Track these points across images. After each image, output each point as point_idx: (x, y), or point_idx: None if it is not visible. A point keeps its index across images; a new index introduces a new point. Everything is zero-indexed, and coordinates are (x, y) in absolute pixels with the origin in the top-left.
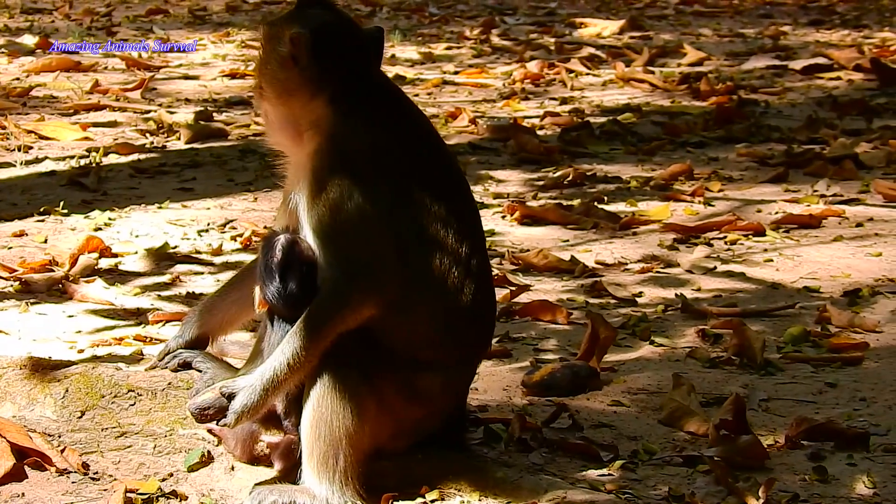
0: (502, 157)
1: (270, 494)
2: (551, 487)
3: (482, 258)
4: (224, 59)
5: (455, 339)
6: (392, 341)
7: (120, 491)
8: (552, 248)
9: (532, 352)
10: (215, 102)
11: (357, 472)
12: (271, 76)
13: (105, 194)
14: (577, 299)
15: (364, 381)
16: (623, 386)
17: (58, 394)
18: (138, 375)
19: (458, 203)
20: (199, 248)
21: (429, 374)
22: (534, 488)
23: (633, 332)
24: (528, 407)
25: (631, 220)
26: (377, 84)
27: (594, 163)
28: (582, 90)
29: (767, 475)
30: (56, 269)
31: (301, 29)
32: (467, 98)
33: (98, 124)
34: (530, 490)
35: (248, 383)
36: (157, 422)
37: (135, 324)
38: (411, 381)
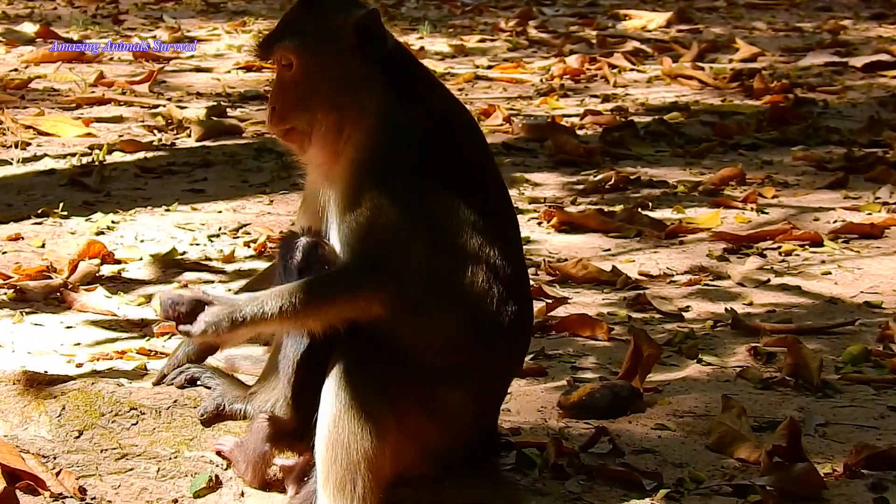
0: (539, 158)
1: None
2: None
3: (519, 267)
4: (239, 51)
5: (484, 354)
6: (415, 353)
7: None
8: (592, 258)
9: (569, 370)
10: (229, 97)
11: (377, 499)
12: (326, 78)
13: (108, 195)
14: (618, 313)
15: (384, 399)
16: (668, 408)
17: (54, 411)
18: (141, 392)
19: (498, 205)
20: (209, 254)
21: (455, 392)
22: None
23: (680, 349)
24: (565, 430)
25: (677, 227)
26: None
27: (638, 166)
28: (625, 87)
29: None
30: (54, 275)
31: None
32: (502, 94)
33: (102, 119)
34: None
35: (230, 301)
36: (161, 443)
37: (138, 336)
38: (436, 398)
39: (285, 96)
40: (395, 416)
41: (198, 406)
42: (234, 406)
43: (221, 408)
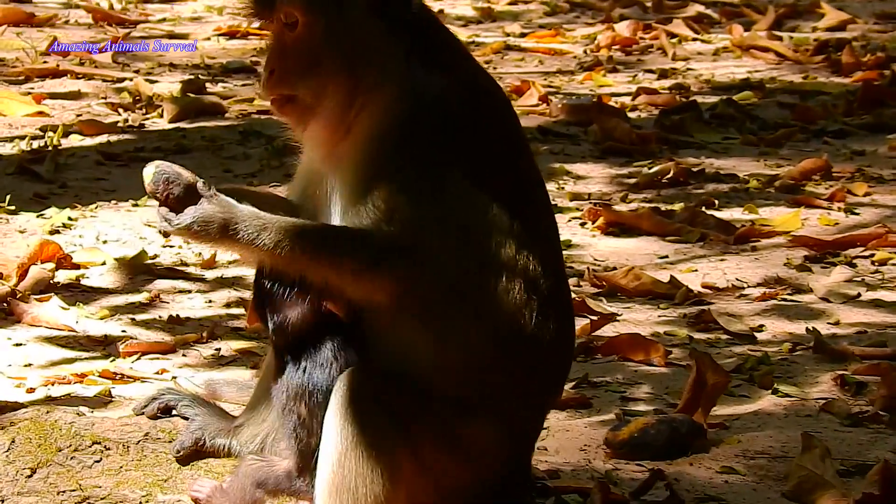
0: (582, 146)
1: None
2: None
3: (558, 277)
4: (220, 13)
5: (516, 379)
6: (433, 378)
7: None
8: (646, 267)
9: (618, 401)
10: (209, 69)
11: None
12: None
13: (64, 186)
14: (677, 333)
15: (397, 434)
16: (737, 448)
17: (1, 445)
18: (106, 423)
19: (534, 202)
20: (185, 258)
21: (481, 425)
22: None
23: (751, 377)
24: (613, 473)
25: (749, 230)
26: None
27: (702, 156)
28: (687, 60)
29: None
30: (0, 282)
31: None
32: (537, 68)
33: (56, 95)
34: None
35: (230, 206)
36: (129, 484)
37: (101, 356)
38: (458, 433)
39: (287, 59)
40: (410, 454)
41: (173, 440)
42: (216, 441)
43: (201, 443)
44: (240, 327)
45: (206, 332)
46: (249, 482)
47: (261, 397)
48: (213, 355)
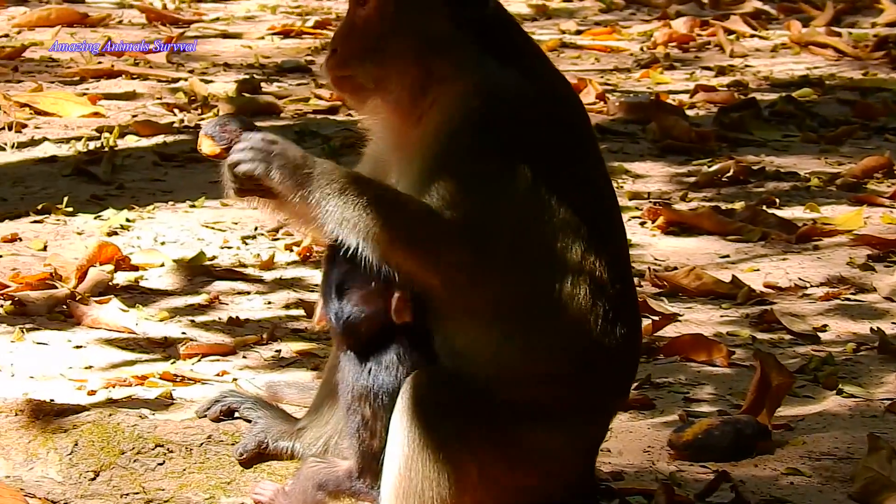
0: (640, 144)
1: None
2: None
3: (625, 280)
4: (274, 12)
5: (583, 384)
6: (499, 382)
7: None
8: (707, 266)
9: (682, 402)
10: (263, 69)
11: None
12: (407, 27)
13: (121, 188)
14: (740, 334)
15: (463, 436)
16: (802, 449)
17: (64, 448)
18: (169, 426)
19: (603, 203)
20: (244, 259)
21: (545, 428)
22: None
23: (815, 378)
24: (677, 474)
25: (811, 229)
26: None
27: (762, 154)
28: (745, 57)
29: None
30: (59, 284)
31: None
32: (593, 66)
33: (111, 96)
34: None
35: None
36: (192, 486)
37: (161, 358)
38: (520, 437)
39: (353, 38)
40: (476, 458)
41: (236, 443)
42: (279, 443)
43: (264, 445)
44: (300, 328)
45: (266, 333)
46: (310, 484)
47: (323, 399)
48: (274, 357)
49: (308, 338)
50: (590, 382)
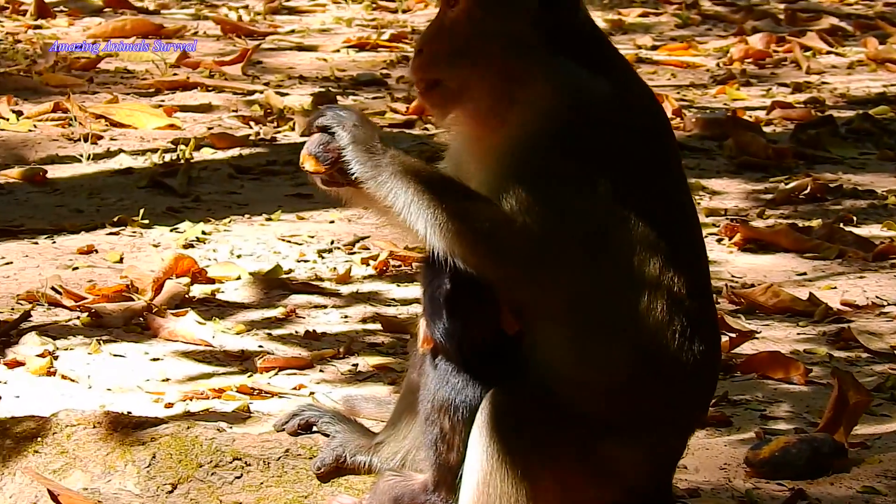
0: (717, 160)
1: None
2: None
3: (705, 296)
4: (349, 25)
5: (661, 401)
6: (574, 395)
7: None
8: (784, 284)
9: (758, 419)
10: (339, 81)
11: None
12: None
13: (197, 200)
14: (817, 351)
15: (540, 452)
16: (878, 467)
17: (142, 461)
18: (246, 439)
19: (684, 217)
20: (320, 273)
21: (622, 444)
22: None
23: (893, 396)
24: (754, 492)
25: (889, 247)
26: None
27: (839, 171)
28: (821, 74)
29: None
30: (135, 297)
31: None
32: (670, 82)
33: (187, 108)
34: None
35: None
36: (269, 500)
37: (238, 371)
38: (601, 454)
39: (441, 40)
40: (553, 474)
41: (314, 457)
42: (356, 458)
43: (342, 460)
44: (377, 343)
45: (343, 347)
46: (386, 498)
47: (401, 414)
48: (351, 371)
49: (385, 352)
50: (668, 397)
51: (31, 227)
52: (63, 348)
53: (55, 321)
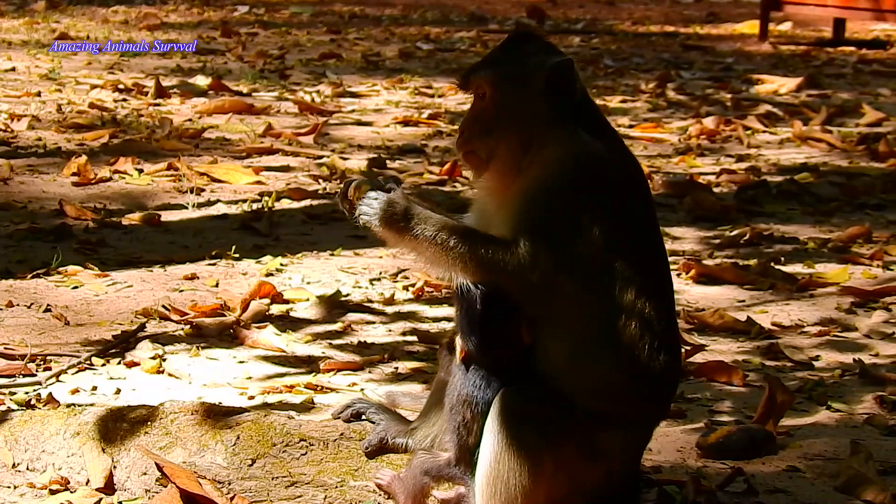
0: (678, 213)
1: None
2: None
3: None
4: (397, 106)
5: (641, 399)
6: (573, 392)
7: None
8: (728, 308)
9: (707, 413)
10: (388, 150)
11: None
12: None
13: (277, 239)
14: (752, 361)
15: (543, 439)
16: (799, 451)
17: (229, 441)
18: (310, 425)
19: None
20: (370, 297)
21: (611, 432)
22: None
23: (810, 396)
24: (703, 469)
25: (808, 281)
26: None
27: (771, 222)
28: (759, 148)
29: None
30: (227, 313)
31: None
32: (643, 153)
33: (271, 168)
34: None
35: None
36: (328, 472)
37: (306, 372)
38: (593, 438)
39: (474, 123)
40: (553, 456)
41: (363, 439)
42: (396, 440)
43: (385, 441)
44: (413, 351)
45: (387, 354)
46: (418, 471)
47: (431, 406)
48: (393, 372)
49: (420, 358)
50: (643, 396)
51: (147, 258)
52: (170, 353)
53: (164, 332)
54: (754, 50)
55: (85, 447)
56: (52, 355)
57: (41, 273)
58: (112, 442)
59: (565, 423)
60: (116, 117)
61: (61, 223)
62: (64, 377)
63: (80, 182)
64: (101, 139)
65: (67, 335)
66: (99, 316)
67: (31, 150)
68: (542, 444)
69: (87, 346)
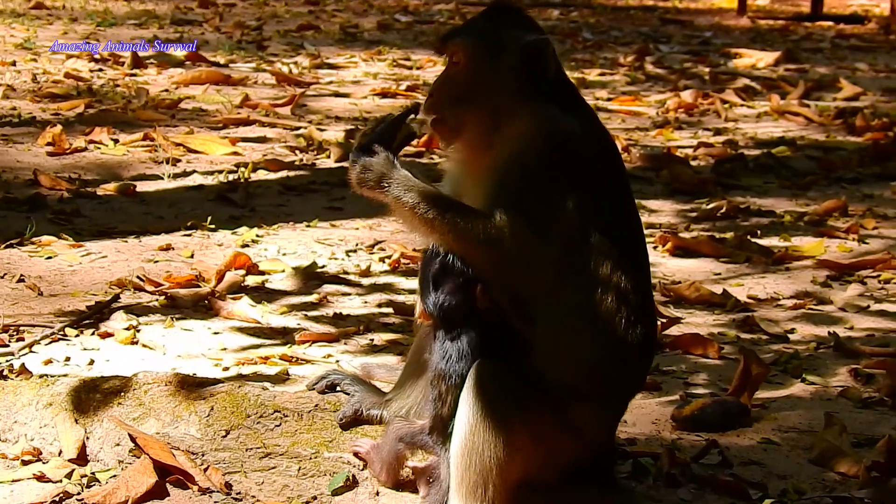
0: (655, 186)
1: None
2: None
3: (645, 292)
4: (375, 78)
5: (616, 374)
6: (549, 366)
7: None
8: (704, 281)
9: (682, 386)
10: (365, 121)
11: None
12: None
13: (253, 210)
14: (728, 334)
15: (518, 412)
16: (774, 423)
17: (203, 412)
18: (285, 396)
19: (631, 228)
20: (347, 268)
21: (585, 407)
22: None
23: (785, 369)
24: (678, 441)
25: (784, 255)
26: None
27: (748, 196)
28: (736, 121)
29: None
30: (202, 284)
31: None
32: (620, 125)
33: (247, 139)
34: None
35: (390, 161)
36: (302, 444)
37: (281, 343)
38: (567, 413)
39: (444, 89)
40: (527, 429)
41: (337, 410)
42: (371, 411)
43: (359, 412)
44: (389, 322)
45: (363, 326)
46: (394, 437)
47: (406, 378)
48: (368, 344)
49: (395, 330)
50: (619, 370)
51: (122, 229)
52: (144, 323)
53: (139, 302)
54: (732, 24)
55: (58, 418)
56: (25, 325)
57: (15, 243)
58: (85, 413)
59: (540, 396)
60: (92, 87)
61: (35, 193)
62: (37, 348)
63: (55, 152)
64: (77, 109)
65: (41, 305)
66: (73, 286)
67: (5, 119)
68: (517, 416)
69: (61, 317)
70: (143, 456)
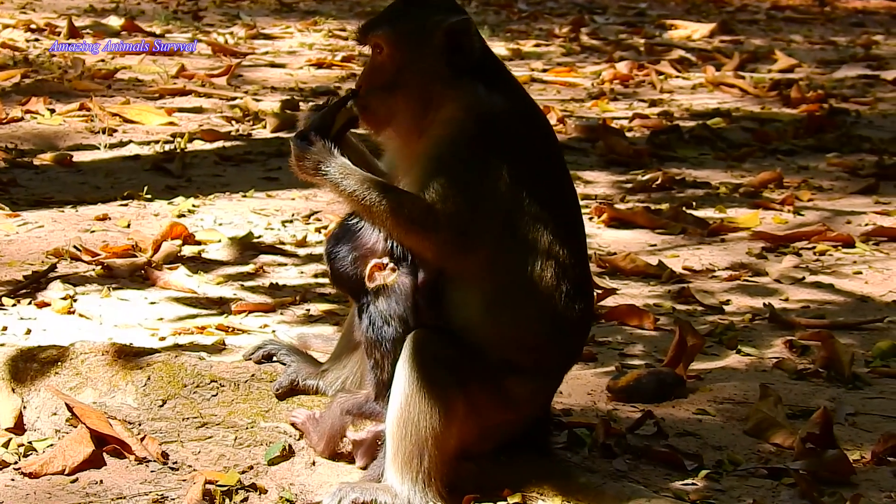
0: (590, 157)
1: (352, 492)
2: (635, 495)
3: (582, 264)
4: (311, 49)
5: (550, 344)
6: (487, 342)
7: (199, 482)
8: (640, 252)
9: (618, 357)
10: (301, 92)
11: (440, 473)
12: (411, 70)
13: (189, 181)
14: (664, 305)
15: (454, 382)
16: (709, 395)
17: (139, 381)
18: (221, 366)
19: (566, 200)
20: (283, 238)
21: (521, 380)
22: (617, 495)
23: (720, 340)
24: (613, 412)
25: (719, 226)
26: (505, 69)
27: (683, 167)
28: (671, 93)
29: (853, 491)
30: (139, 254)
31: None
32: (556, 97)
33: (183, 109)
34: (613, 497)
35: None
36: (238, 413)
37: (217, 313)
38: (503, 385)
39: (371, 78)
40: (464, 399)
41: (274, 380)
42: (307, 382)
43: (295, 383)
44: (325, 293)
45: (299, 296)
46: (338, 410)
47: (342, 348)
48: (305, 314)
49: (331, 300)
50: (557, 343)
51: (59, 199)
52: (81, 293)
53: (76, 272)
54: None
55: None
56: None
57: None
58: (22, 382)
59: (477, 368)
60: (28, 57)
61: None
62: None
63: None
64: (13, 79)
65: None
66: (9, 256)
67: None
68: (454, 387)
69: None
70: (80, 425)
